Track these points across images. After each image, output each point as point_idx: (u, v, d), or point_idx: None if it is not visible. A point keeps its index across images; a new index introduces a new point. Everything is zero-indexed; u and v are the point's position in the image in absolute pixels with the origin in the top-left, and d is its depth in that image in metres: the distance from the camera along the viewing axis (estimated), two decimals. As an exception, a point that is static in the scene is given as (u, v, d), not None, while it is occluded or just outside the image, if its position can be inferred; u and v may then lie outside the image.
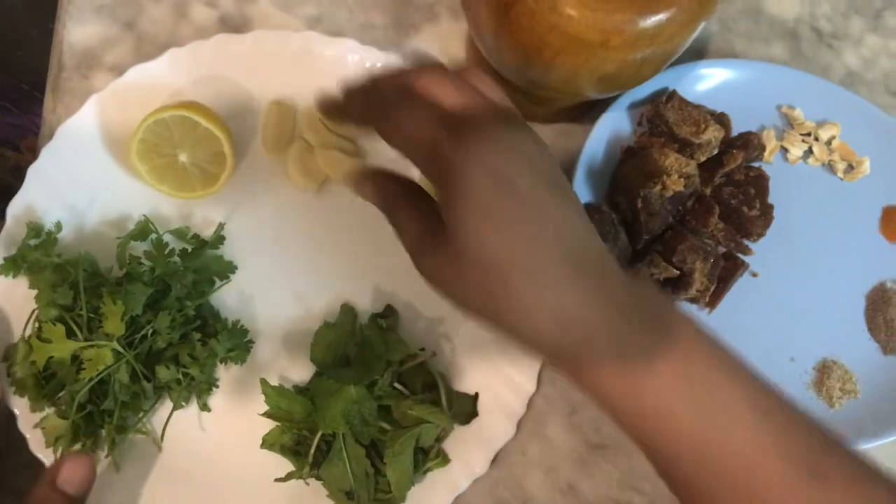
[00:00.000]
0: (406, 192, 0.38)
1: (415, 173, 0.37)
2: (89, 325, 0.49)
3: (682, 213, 0.57)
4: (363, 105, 0.38)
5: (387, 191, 0.38)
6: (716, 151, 0.58)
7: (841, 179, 0.62)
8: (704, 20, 0.49)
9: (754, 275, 0.59)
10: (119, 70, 0.59)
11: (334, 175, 0.56)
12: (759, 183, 0.59)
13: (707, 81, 0.62)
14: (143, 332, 0.49)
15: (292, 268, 0.55)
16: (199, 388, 0.50)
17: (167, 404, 0.51)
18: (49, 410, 0.49)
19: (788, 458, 0.33)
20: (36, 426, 0.49)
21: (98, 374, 0.47)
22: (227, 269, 0.54)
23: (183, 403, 0.51)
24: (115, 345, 0.47)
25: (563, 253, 0.33)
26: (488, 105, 0.36)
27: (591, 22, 0.45)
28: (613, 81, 0.51)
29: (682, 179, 0.55)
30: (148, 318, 0.49)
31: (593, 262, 0.34)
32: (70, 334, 0.48)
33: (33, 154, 0.55)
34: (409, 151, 0.35)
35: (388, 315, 0.55)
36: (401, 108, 0.35)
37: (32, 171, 0.53)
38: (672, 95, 0.58)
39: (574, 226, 0.34)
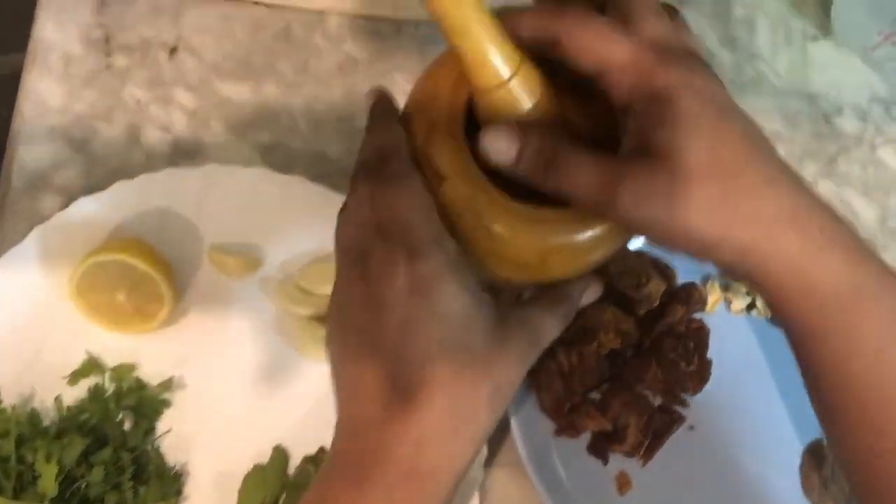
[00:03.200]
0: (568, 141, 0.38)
1: None
2: (20, 477, 0.48)
3: (620, 365, 0.57)
4: (539, 15, 0.36)
5: (545, 149, 0.38)
6: (656, 304, 0.58)
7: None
8: None
9: (691, 428, 0.59)
10: (67, 193, 0.59)
11: None
12: (699, 336, 0.59)
13: (654, 227, 0.62)
14: (76, 485, 0.48)
15: (226, 406, 0.55)
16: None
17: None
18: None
19: None
20: None
21: None
22: (159, 406, 0.54)
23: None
24: None
25: (780, 166, 0.36)
26: (684, 39, 0.37)
27: (527, 246, 0.43)
28: (560, 280, 0.50)
29: (618, 337, 0.55)
30: (82, 472, 0.49)
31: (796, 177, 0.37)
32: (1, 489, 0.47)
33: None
34: (608, 73, 0.35)
35: (320, 459, 0.54)
36: (601, 28, 0.35)
37: (-30, 300, 0.53)
38: (615, 244, 0.59)
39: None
